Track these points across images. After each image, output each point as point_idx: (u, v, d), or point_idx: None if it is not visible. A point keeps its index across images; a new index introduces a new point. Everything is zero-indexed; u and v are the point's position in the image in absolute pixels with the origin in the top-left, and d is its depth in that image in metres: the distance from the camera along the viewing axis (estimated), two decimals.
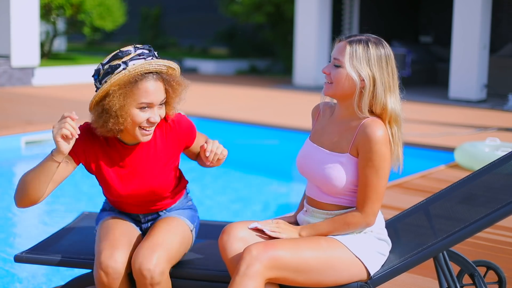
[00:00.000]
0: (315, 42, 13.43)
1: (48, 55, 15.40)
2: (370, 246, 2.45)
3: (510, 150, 4.17)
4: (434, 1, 15.48)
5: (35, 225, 5.33)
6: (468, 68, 11.46)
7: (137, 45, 2.44)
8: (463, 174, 5.78)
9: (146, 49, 2.46)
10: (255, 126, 8.77)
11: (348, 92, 2.43)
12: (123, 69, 2.38)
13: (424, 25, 15.76)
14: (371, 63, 2.41)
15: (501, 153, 5.98)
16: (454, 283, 2.54)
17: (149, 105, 2.42)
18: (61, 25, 16.44)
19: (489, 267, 2.98)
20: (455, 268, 3.04)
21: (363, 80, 2.40)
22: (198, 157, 2.74)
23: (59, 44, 18.46)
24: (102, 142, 2.56)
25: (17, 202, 2.44)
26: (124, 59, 2.39)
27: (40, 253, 2.67)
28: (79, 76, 13.69)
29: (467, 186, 2.85)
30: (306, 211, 2.57)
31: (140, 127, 2.45)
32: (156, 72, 2.44)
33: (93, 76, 2.47)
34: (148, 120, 2.44)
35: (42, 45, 15.28)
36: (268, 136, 8.53)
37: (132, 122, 2.42)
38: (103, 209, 2.79)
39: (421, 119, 9.28)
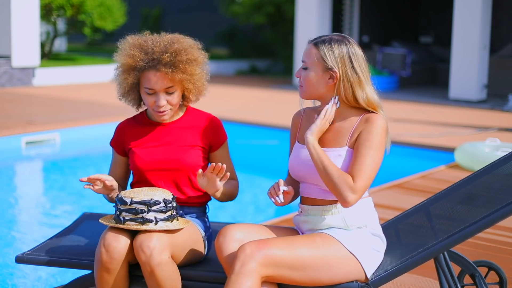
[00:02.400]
0: None
1: (48, 56, 15.40)
2: (365, 243, 2.45)
3: (510, 151, 4.18)
4: (434, 1, 15.48)
5: (36, 226, 5.33)
6: (468, 68, 11.46)
7: (166, 199, 2.53)
8: (463, 175, 5.78)
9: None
10: (255, 126, 8.78)
11: (322, 91, 2.50)
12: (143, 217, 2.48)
13: (424, 26, 15.77)
14: (335, 62, 2.45)
15: (501, 154, 5.98)
16: (454, 283, 2.55)
17: (153, 91, 2.63)
18: (61, 25, 16.44)
19: (490, 267, 2.98)
20: (455, 269, 3.04)
21: (331, 78, 2.46)
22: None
23: (60, 45, 18.46)
24: (133, 124, 2.79)
25: None
26: (150, 208, 2.49)
27: (41, 254, 2.67)
28: (79, 76, 13.69)
29: (468, 186, 2.85)
30: (301, 211, 2.58)
31: (153, 109, 2.67)
32: (159, 62, 2.60)
33: (118, 201, 2.54)
34: (155, 104, 2.64)
35: (42, 45, 15.28)
36: (268, 136, 8.54)
37: (145, 104, 2.70)
38: None
39: (421, 119, 9.28)
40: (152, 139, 2.74)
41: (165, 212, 2.50)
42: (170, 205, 2.52)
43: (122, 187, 2.83)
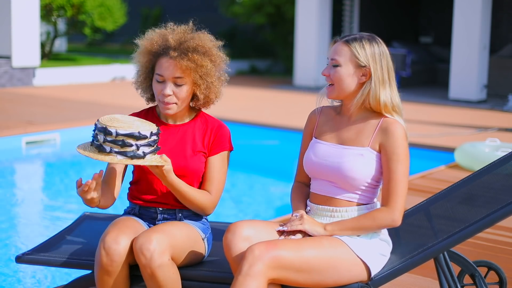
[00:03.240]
0: (315, 42, 13.44)
1: (48, 56, 15.40)
2: (373, 247, 2.45)
3: (510, 151, 4.18)
4: (434, 1, 15.48)
5: (36, 226, 5.33)
6: (468, 68, 11.46)
7: (153, 131, 2.49)
8: (463, 175, 5.78)
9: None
10: (255, 126, 8.78)
11: (351, 89, 2.48)
12: (133, 151, 2.43)
13: (424, 26, 15.77)
14: (367, 59, 2.46)
15: (501, 154, 5.99)
16: (454, 283, 2.55)
17: (162, 78, 2.61)
18: (61, 25, 16.44)
19: (490, 267, 2.98)
20: (455, 269, 3.04)
21: (363, 75, 2.46)
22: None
23: (60, 45, 18.46)
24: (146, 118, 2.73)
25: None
26: (138, 142, 2.44)
27: (41, 254, 2.67)
28: (79, 76, 13.69)
29: (467, 186, 2.86)
30: (309, 210, 2.57)
31: (159, 99, 2.64)
32: (175, 50, 2.60)
33: (98, 130, 2.46)
34: (161, 93, 2.61)
35: (42, 45, 15.28)
36: (268, 136, 8.54)
37: (154, 92, 2.66)
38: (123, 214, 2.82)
39: (421, 120, 9.28)
40: (162, 140, 2.69)
41: (152, 146, 2.46)
42: (156, 137, 2.47)
43: (115, 184, 2.72)
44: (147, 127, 2.45)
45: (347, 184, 2.46)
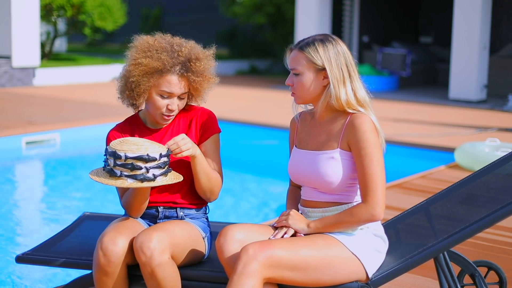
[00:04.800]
0: None
1: (48, 56, 15.40)
2: (367, 244, 2.45)
3: (510, 151, 4.18)
4: (434, 1, 15.48)
5: (36, 226, 5.33)
6: (468, 68, 11.46)
7: (162, 153, 2.50)
8: (463, 175, 5.78)
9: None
10: (255, 126, 8.78)
11: (315, 93, 2.49)
12: (143, 173, 2.44)
13: (424, 26, 15.77)
14: (324, 61, 2.45)
15: (501, 154, 5.98)
16: (454, 283, 2.55)
17: (170, 95, 2.62)
18: (61, 25, 16.44)
19: (490, 267, 2.98)
20: (455, 269, 3.04)
21: (325, 77, 2.46)
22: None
23: (60, 45, 18.46)
24: (132, 129, 2.76)
25: None
26: (147, 164, 2.45)
27: (42, 254, 2.67)
28: (79, 76, 13.69)
29: (467, 186, 2.86)
30: (301, 213, 2.58)
31: (161, 113, 2.65)
32: (183, 67, 2.61)
33: (109, 154, 2.48)
34: (167, 108, 2.63)
35: (42, 45, 15.28)
36: (268, 136, 8.54)
37: (154, 106, 2.64)
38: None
39: (421, 120, 9.28)
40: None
41: (163, 167, 2.48)
42: (166, 159, 2.49)
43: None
44: (157, 149, 2.47)
45: (328, 189, 2.47)
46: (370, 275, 2.44)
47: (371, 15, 14.83)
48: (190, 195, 2.73)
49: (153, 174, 2.44)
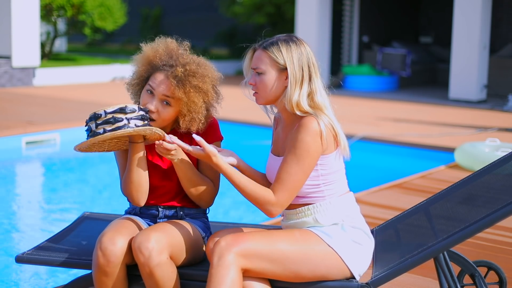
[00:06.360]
0: (315, 42, 13.43)
1: (48, 56, 15.40)
2: (344, 236, 2.45)
3: (510, 151, 4.18)
4: (434, 1, 15.48)
5: (36, 226, 5.33)
6: (468, 68, 11.47)
7: (141, 107, 2.52)
8: (463, 175, 5.78)
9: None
10: (255, 126, 8.78)
11: (277, 93, 2.49)
12: (125, 124, 2.44)
13: (424, 26, 15.77)
14: (285, 60, 2.44)
15: (501, 154, 5.99)
16: (454, 283, 2.55)
17: (152, 92, 2.58)
18: (61, 25, 16.44)
19: (490, 267, 2.98)
20: (455, 269, 3.04)
21: (287, 78, 2.45)
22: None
23: (60, 45, 18.46)
24: None
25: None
26: (128, 115, 2.45)
27: (41, 254, 2.67)
28: (79, 76, 13.70)
29: (467, 186, 2.86)
30: (283, 215, 2.60)
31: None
32: (172, 70, 2.57)
33: (89, 119, 2.50)
34: (146, 106, 2.58)
35: (42, 45, 15.28)
36: (268, 136, 8.53)
37: (141, 103, 2.61)
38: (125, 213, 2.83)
39: (421, 120, 9.28)
40: (153, 148, 2.69)
41: (144, 120, 2.48)
42: (144, 113, 2.48)
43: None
44: (134, 105, 2.48)
45: None
46: (353, 271, 2.44)
47: (371, 15, 14.83)
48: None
49: (135, 125, 2.44)
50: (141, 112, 2.48)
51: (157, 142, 2.47)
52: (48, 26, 16.02)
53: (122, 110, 2.43)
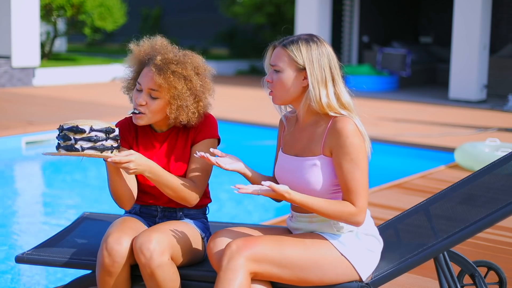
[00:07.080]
0: None
1: (48, 56, 15.40)
2: (358, 244, 2.43)
3: (510, 151, 4.18)
4: (434, 1, 15.48)
5: (36, 226, 5.33)
6: (468, 68, 11.47)
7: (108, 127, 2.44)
8: (463, 175, 5.78)
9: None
10: (255, 126, 8.78)
11: (295, 94, 2.44)
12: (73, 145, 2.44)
13: (424, 26, 15.77)
14: (306, 61, 2.40)
15: (501, 154, 5.99)
16: (454, 283, 2.55)
17: (140, 87, 2.61)
18: (61, 25, 16.44)
19: (490, 267, 2.98)
20: (455, 269, 3.04)
21: (305, 78, 2.41)
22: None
23: (60, 45, 18.47)
24: (137, 131, 2.74)
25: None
26: (76, 136, 2.42)
27: (41, 254, 2.67)
28: (79, 76, 13.70)
29: (467, 186, 2.86)
30: (292, 217, 2.57)
31: (133, 108, 2.63)
32: (158, 65, 2.58)
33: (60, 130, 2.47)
34: (135, 101, 2.61)
35: (42, 45, 15.28)
36: (268, 136, 8.54)
37: (133, 101, 2.65)
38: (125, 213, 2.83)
39: (421, 120, 9.28)
40: (153, 146, 2.69)
41: (117, 140, 2.47)
42: (101, 135, 2.45)
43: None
44: (97, 124, 2.41)
45: (313, 194, 2.41)
46: (363, 275, 2.41)
47: (371, 15, 14.83)
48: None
49: (81, 147, 2.41)
50: (93, 133, 2.40)
51: (108, 159, 2.42)
52: (48, 26, 16.02)
53: (71, 130, 2.41)
